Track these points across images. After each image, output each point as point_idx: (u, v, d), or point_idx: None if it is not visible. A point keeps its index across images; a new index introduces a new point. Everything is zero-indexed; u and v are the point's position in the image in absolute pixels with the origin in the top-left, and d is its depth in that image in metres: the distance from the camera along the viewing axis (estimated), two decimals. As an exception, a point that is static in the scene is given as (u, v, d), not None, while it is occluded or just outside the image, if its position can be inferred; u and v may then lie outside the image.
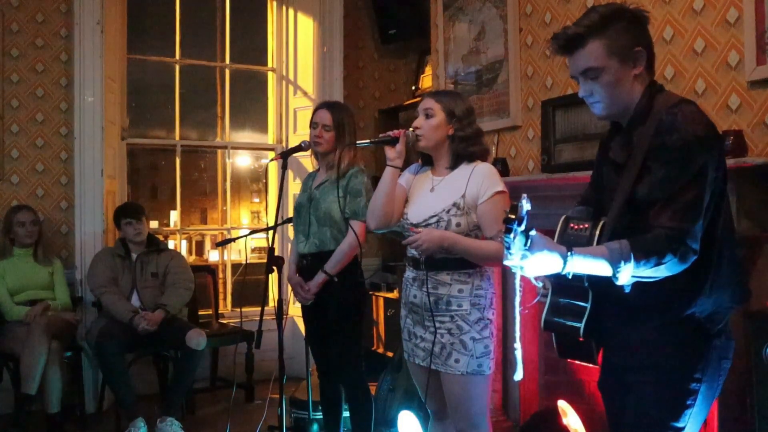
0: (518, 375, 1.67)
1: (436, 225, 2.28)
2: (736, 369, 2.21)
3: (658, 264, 1.53)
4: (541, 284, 1.68)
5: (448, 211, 2.28)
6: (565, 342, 1.76)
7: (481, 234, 2.29)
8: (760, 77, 2.50)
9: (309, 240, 2.99)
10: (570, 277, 1.56)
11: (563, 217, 1.75)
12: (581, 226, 1.70)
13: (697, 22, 2.75)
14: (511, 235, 1.44)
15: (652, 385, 1.67)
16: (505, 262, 1.52)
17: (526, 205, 1.43)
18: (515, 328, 1.62)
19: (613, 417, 1.83)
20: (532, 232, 1.47)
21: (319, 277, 2.92)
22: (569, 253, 1.52)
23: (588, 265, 1.54)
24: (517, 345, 1.63)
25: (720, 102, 2.67)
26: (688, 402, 1.64)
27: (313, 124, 3.02)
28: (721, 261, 1.63)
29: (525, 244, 1.46)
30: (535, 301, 1.78)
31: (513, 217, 1.42)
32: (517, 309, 1.64)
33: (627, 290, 1.57)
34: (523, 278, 1.59)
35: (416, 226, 2.32)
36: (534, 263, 1.51)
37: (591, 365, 1.81)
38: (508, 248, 1.46)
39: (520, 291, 1.62)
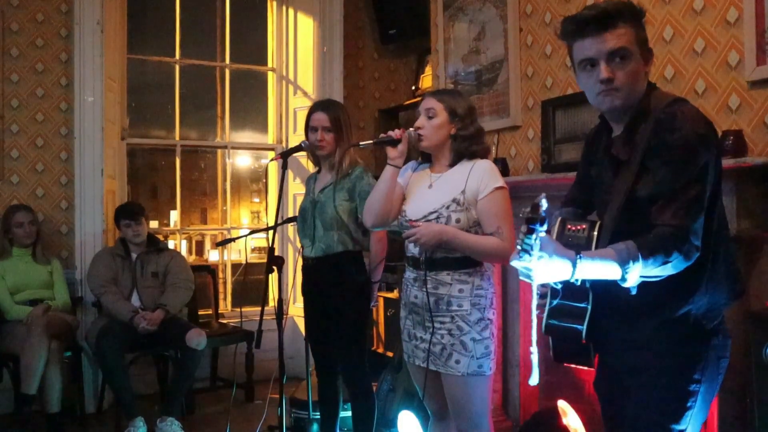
0: (534, 379, 1.61)
1: (436, 221, 2.28)
2: (736, 369, 2.21)
3: (665, 262, 1.51)
4: (552, 286, 1.61)
5: (447, 207, 2.28)
6: (563, 346, 1.73)
7: (480, 230, 2.29)
8: (760, 77, 2.50)
9: (315, 244, 2.96)
10: (578, 284, 1.53)
11: (559, 219, 1.72)
12: (578, 227, 1.68)
13: (697, 22, 2.75)
14: (533, 236, 1.37)
15: (651, 388, 1.66)
16: (514, 263, 1.46)
17: (545, 204, 1.37)
18: (532, 332, 1.56)
19: (610, 419, 1.82)
20: (542, 234, 1.41)
21: (374, 288, 3.02)
22: (578, 257, 1.48)
23: (596, 268, 1.50)
24: (534, 349, 1.57)
25: (720, 102, 2.67)
26: (689, 404, 1.63)
27: (311, 129, 2.96)
28: (717, 257, 1.63)
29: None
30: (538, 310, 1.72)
31: (535, 217, 1.35)
32: (534, 313, 1.58)
33: (633, 292, 1.54)
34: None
35: (415, 221, 2.31)
36: (543, 269, 1.45)
37: (587, 368, 1.79)
38: (528, 251, 1.39)
39: (538, 295, 1.57)
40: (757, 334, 2.21)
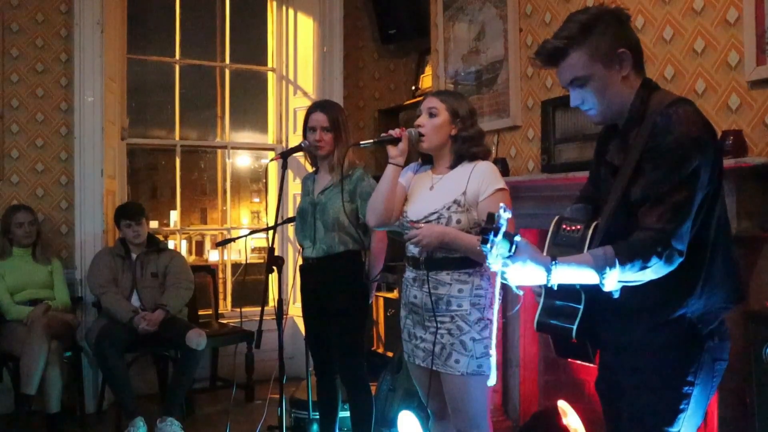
0: (492, 380, 1.70)
1: (437, 222, 2.28)
2: (736, 369, 2.21)
3: (643, 268, 1.52)
4: (522, 293, 1.66)
5: (448, 208, 2.28)
6: (561, 341, 1.76)
7: (481, 232, 2.29)
8: (760, 77, 2.50)
9: (316, 245, 2.97)
10: (555, 288, 1.56)
11: (556, 218, 1.75)
12: (573, 228, 1.70)
13: (697, 22, 2.75)
14: (488, 245, 1.45)
15: (644, 390, 1.65)
16: (488, 265, 1.54)
17: (504, 215, 1.44)
18: (492, 335, 1.65)
19: (611, 419, 1.82)
20: (518, 238, 1.47)
21: (372, 286, 3.06)
22: (553, 263, 1.52)
23: (572, 274, 1.54)
24: (493, 351, 1.66)
25: (720, 102, 2.67)
26: (681, 407, 1.62)
27: (310, 129, 2.97)
28: (714, 262, 1.62)
29: (510, 250, 1.47)
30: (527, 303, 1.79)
31: (489, 227, 1.44)
32: (495, 315, 1.69)
33: (615, 296, 1.56)
34: (504, 286, 1.60)
35: (416, 222, 2.32)
36: (516, 273, 1.51)
37: (588, 364, 1.81)
38: (486, 256, 1.48)
39: (499, 299, 1.66)
40: (757, 334, 2.21)
